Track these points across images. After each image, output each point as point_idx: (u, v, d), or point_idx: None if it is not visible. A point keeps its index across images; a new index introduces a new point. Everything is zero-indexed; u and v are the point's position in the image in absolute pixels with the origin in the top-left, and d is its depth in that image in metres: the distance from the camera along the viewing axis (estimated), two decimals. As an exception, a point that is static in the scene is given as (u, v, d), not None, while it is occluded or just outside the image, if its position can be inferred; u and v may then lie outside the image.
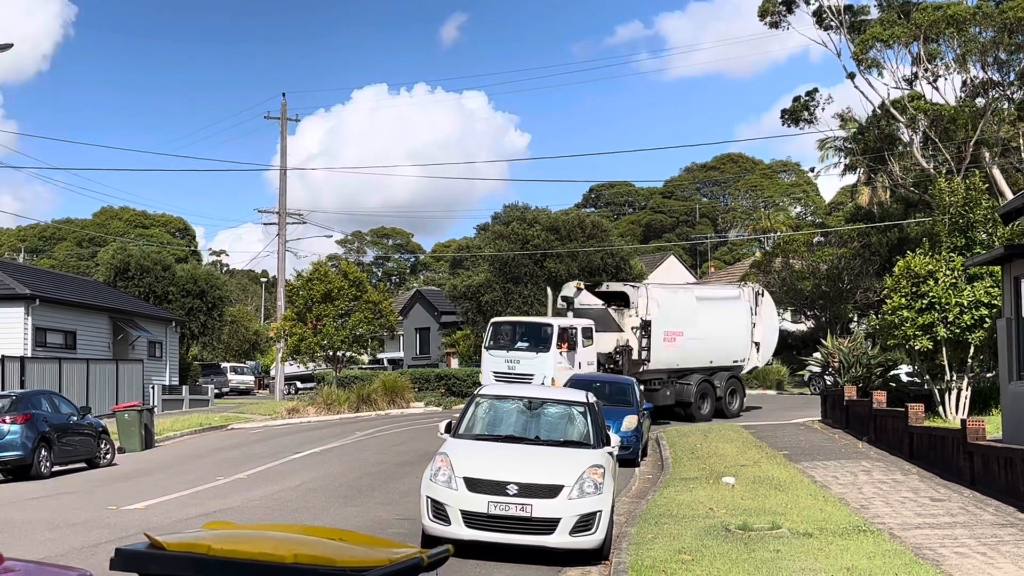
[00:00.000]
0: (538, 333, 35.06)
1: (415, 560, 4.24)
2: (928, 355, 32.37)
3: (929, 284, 31.43)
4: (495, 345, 35.66)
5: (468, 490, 13.19)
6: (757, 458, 22.82)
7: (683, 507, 15.88)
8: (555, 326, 34.47)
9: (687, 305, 39.02)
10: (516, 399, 15.99)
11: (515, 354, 34.54)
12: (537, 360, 33.34)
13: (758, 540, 12.78)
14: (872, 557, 11.65)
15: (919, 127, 46.57)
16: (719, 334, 39.26)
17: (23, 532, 15.32)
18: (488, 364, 35.38)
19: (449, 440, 14.67)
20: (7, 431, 24.38)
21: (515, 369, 33.63)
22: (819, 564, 11.22)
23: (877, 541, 12.79)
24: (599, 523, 13.08)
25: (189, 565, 4.01)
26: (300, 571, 3.90)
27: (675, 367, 37.59)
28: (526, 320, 39.03)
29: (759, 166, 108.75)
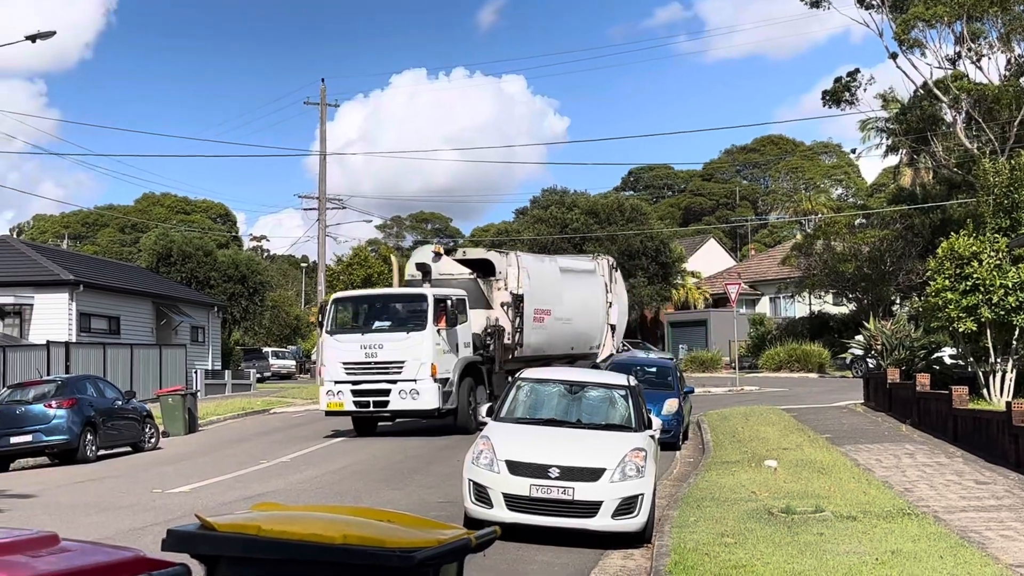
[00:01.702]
0: (407, 308, 27.48)
1: (464, 541, 4.27)
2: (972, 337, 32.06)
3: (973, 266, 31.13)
4: (341, 328, 27.61)
5: (510, 473, 13.21)
6: (799, 441, 22.71)
7: (725, 490, 15.84)
8: (430, 296, 26.59)
9: (553, 277, 32.04)
10: (557, 383, 15.98)
11: (374, 337, 26.47)
12: (409, 342, 25.88)
13: (801, 523, 12.74)
14: (917, 540, 11.59)
15: (962, 107, 46.07)
16: (580, 313, 33.19)
17: (71, 515, 15.48)
18: (334, 353, 27.32)
19: (491, 423, 14.70)
20: (53, 415, 24.66)
21: (376, 356, 26.06)
22: (863, 547, 11.18)
23: (922, 524, 12.72)
24: (641, 506, 13.06)
25: (239, 545, 4.04)
26: (350, 552, 3.93)
27: (541, 354, 30.44)
28: (386, 292, 30.54)
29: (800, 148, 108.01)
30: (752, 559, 10.47)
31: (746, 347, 64.07)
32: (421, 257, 30.37)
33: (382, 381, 26.08)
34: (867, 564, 10.29)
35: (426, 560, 4.03)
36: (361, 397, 26.24)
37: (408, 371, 25.79)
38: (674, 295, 72.03)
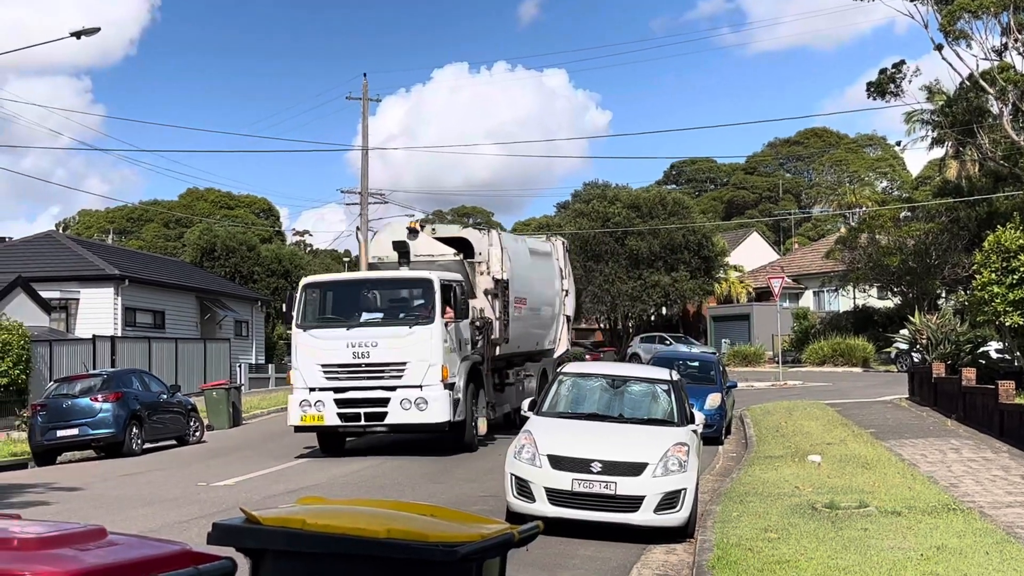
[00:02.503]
0: (406, 296, 22.27)
1: (507, 536, 4.28)
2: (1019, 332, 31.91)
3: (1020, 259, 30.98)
4: (320, 321, 21.99)
5: (552, 467, 13.23)
6: (843, 436, 22.62)
7: (768, 485, 15.80)
8: (437, 282, 21.27)
9: (526, 261, 26.73)
10: (600, 376, 15.99)
11: (365, 332, 21.05)
12: (412, 339, 20.65)
13: (845, 519, 12.69)
14: (962, 536, 11.52)
15: (1009, 99, 45.70)
16: (546, 303, 28.34)
17: (117, 508, 15.63)
18: (310, 353, 21.54)
19: (533, 418, 14.69)
20: (99, 409, 24.89)
21: (369, 357, 20.69)
22: (908, 543, 11.13)
23: (967, 520, 12.64)
24: (684, 501, 13.06)
25: (284, 539, 4.08)
26: (393, 546, 3.94)
27: (515, 351, 25.96)
28: (378, 275, 23.62)
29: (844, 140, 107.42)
30: (796, 554, 10.45)
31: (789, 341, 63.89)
32: (396, 234, 24.26)
33: (377, 388, 20.68)
34: (912, 560, 10.24)
35: (469, 555, 4.04)
36: (349, 408, 20.82)
37: (412, 375, 20.55)
38: (717, 289, 71.76)
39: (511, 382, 25.25)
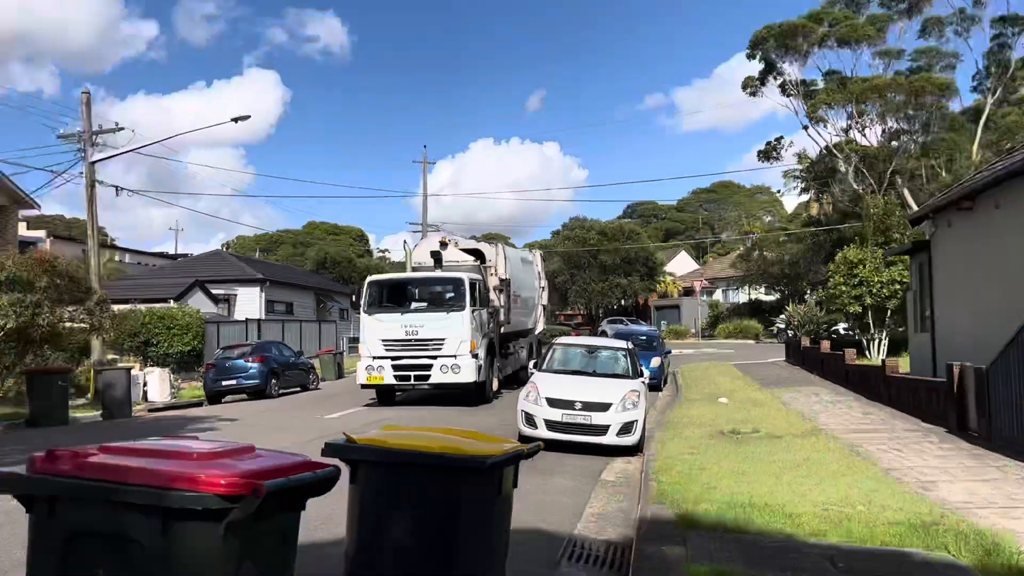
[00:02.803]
0: (444, 290, 21.41)
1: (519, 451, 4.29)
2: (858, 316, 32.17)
3: (859, 268, 31.20)
4: (381, 308, 21.07)
5: (548, 406, 13.30)
6: (742, 386, 22.60)
7: (692, 418, 15.77)
8: (467, 280, 20.72)
9: (520, 265, 26.24)
10: (581, 346, 16.09)
11: (414, 317, 20.57)
12: (449, 322, 20.04)
13: (744, 440, 12.67)
14: (821, 451, 11.49)
15: (852, 162, 45.76)
16: (531, 296, 27.61)
17: (262, 432, 15.65)
18: (374, 331, 20.70)
19: (536, 373, 14.74)
20: (250, 367, 25.02)
21: (417, 334, 20.22)
22: (786, 455, 11.10)
23: (825, 440, 12.61)
24: (636, 428, 13.10)
25: (372, 453, 4.08)
26: (444, 457, 3.96)
27: (514, 330, 25.00)
28: (424, 275, 22.65)
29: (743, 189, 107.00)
30: (710, 463, 10.43)
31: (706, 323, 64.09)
32: (432, 246, 23.83)
33: (423, 357, 19.97)
34: (788, 465, 10.22)
35: (494, 464, 4.06)
36: (403, 371, 20.08)
37: (448, 347, 19.87)
38: (658, 288, 71.92)
39: (511, 352, 24.26)
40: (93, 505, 2.87)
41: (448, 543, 3.96)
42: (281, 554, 3.17)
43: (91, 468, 2.92)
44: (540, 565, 6.66)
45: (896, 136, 46.15)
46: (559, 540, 7.52)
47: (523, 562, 6.16)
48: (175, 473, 2.84)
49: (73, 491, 2.90)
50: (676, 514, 7.59)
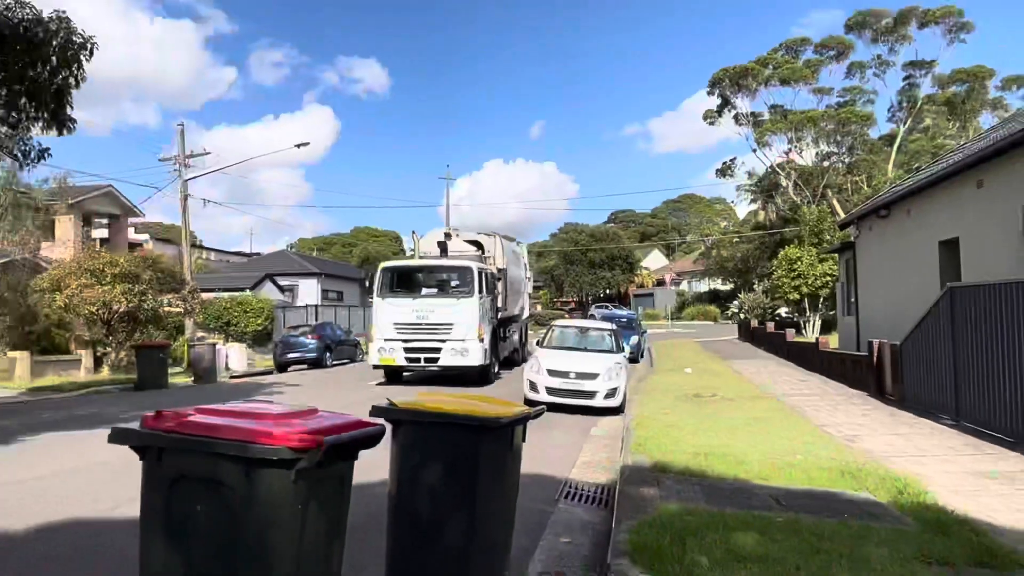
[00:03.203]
0: (457, 277, 18.33)
1: (526, 413, 4.30)
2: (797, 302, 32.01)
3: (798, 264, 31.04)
4: (393, 293, 18.30)
5: (548, 375, 13.26)
6: (704, 359, 22.55)
7: (663, 385, 15.76)
8: (475, 269, 18.05)
9: (513, 256, 23.02)
10: (574, 327, 16.01)
11: (425, 302, 17.98)
12: (459, 307, 17.50)
13: (705, 402, 12.66)
14: (767, 411, 11.47)
15: (791, 178, 45.56)
16: (521, 285, 24.29)
17: (320, 396, 15.68)
18: (386, 314, 18.00)
19: (539, 349, 14.73)
20: (310, 343, 25.10)
21: (427, 319, 17.69)
22: (740, 413, 11.09)
23: (770, 402, 12.59)
24: (619, 393, 13.08)
25: (410, 414, 4.09)
26: (467, 417, 3.96)
27: (508, 316, 21.63)
28: (435, 263, 19.63)
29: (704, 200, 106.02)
30: (679, 421, 10.42)
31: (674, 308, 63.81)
32: (438, 237, 21.13)
33: (433, 340, 17.40)
34: (741, 423, 10.20)
35: (507, 423, 4.06)
36: (413, 354, 17.51)
37: (457, 332, 17.32)
38: (636, 280, 71.68)
39: (505, 336, 21.08)
40: (191, 455, 2.90)
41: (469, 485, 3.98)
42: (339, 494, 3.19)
43: (190, 425, 2.95)
44: (543, 503, 6.68)
45: (827, 157, 45.96)
46: (557, 483, 7.54)
47: (529, 500, 6.18)
48: (255, 430, 2.86)
49: (176, 444, 2.93)
50: (651, 462, 7.59)
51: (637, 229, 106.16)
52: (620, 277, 67.44)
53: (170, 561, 2.94)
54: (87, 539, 5.37)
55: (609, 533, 5.37)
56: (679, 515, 5.44)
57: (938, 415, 10.85)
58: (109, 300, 19.93)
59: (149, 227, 57.29)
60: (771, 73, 45.91)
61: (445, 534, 4.00)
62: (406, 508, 4.08)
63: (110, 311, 20.46)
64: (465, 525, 3.98)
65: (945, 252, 14.50)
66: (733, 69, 46.40)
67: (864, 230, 19.68)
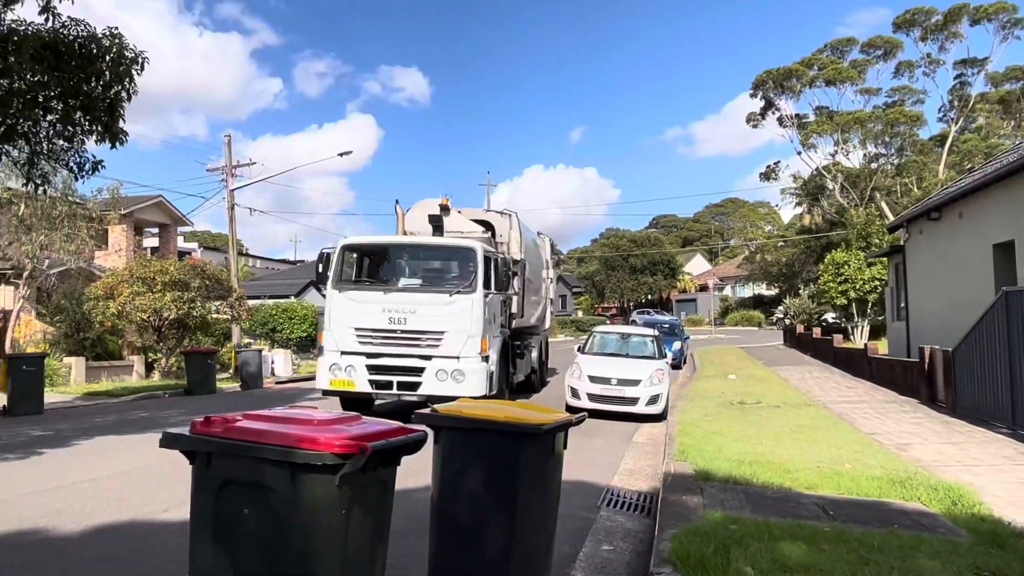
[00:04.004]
0: (452, 263, 13.13)
1: (568, 420, 4.29)
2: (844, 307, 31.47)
3: (845, 268, 30.51)
4: (356, 284, 12.72)
5: (590, 381, 13.22)
6: (748, 365, 22.22)
7: (706, 391, 15.58)
8: (480, 251, 12.47)
9: (532, 248, 17.15)
10: (616, 333, 15.93)
11: (403, 299, 12.06)
12: (453, 309, 11.93)
13: (749, 409, 12.47)
14: (814, 419, 11.26)
15: (838, 180, 44.69)
16: (538, 285, 18.01)
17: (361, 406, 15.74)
18: (344, 315, 12.20)
19: (579, 355, 14.64)
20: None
21: (406, 323, 11.93)
22: (784, 422, 10.90)
23: (817, 410, 12.35)
24: (661, 399, 12.97)
25: (451, 421, 4.12)
26: (508, 424, 3.97)
27: (524, 325, 16.08)
28: (421, 241, 13.82)
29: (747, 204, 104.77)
30: (722, 428, 10.29)
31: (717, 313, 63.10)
32: (431, 209, 14.69)
33: (413, 356, 11.87)
34: (787, 430, 10.03)
35: (548, 430, 4.06)
36: (381, 375, 11.95)
37: (450, 344, 11.77)
38: (678, 285, 71.12)
39: (521, 353, 15.26)
40: (239, 459, 2.97)
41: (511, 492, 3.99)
42: (383, 499, 3.23)
43: (237, 431, 3.02)
44: (585, 509, 6.66)
45: (875, 159, 45.01)
46: (599, 490, 7.50)
47: (571, 507, 6.17)
48: (300, 436, 2.92)
49: (224, 448, 3.00)
50: (694, 470, 7.50)
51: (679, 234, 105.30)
52: (662, 282, 66.92)
53: (218, 562, 3.01)
54: (139, 540, 5.52)
55: (651, 541, 5.32)
56: (723, 523, 5.37)
57: (993, 423, 10.52)
58: (159, 307, 20.46)
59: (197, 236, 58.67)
60: (816, 74, 45.16)
61: (487, 539, 4.01)
62: (448, 513, 4.11)
63: (160, 318, 21.00)
64: (506, 531, 3.99)
65: (1000, 255, 14.07)
66: (777, 71, 45.79)
67: (914, 233, 19.20)
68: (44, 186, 12.47)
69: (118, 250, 27.97)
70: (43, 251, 20.67)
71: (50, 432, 11.20)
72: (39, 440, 10.39)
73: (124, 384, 19.52)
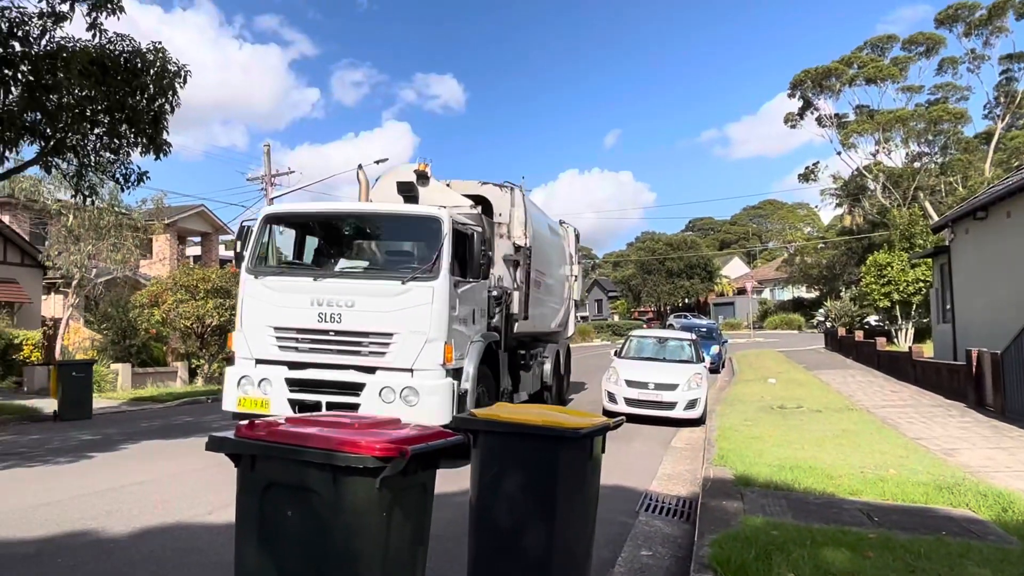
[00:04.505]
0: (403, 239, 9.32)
1: (606, 424, 4.28)
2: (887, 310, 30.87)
3: (888, 270, 29.95)
4: (279, 267, 9.06)
5: (627, 386, 13.16)
6: (788, 368, 21.89)
7: (745, 395, 15.39)
8: (445, 221, 8.53)
9: (543, 231, 13.47)
10: (653, 337, 15.82)
11: (338, 286, 8.28)
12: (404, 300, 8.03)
13: (790, 413, 12.30)
14: (857, 423, 11.06)
15: (880, 180, 43.84)
16: (559, 283, 14.85)
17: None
18: (258, 310, 8.58)
19: (616, 359, 14.56)
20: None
21: (339, 322, 8.12)
22: (826, 427, 10.72)
23: (860, 414, 12.13)
24: (699, 404, 12.85)
25: (488, 425, 4.13)
26: (546, 428, 3.98)
27: (532, 331, 12.52)
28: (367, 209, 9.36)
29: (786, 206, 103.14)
30: (762, 433, 10.16)
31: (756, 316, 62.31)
32: (403, 176, 11.20)
33: (349, 367, 8.43)
34: (829, 435, 9.87)
35: (586, 434, 4.06)
36: (306, 394, 8.43)
37: (400, 353, 8.31)
38: (715, 288, 70.38)
39: (528, 365, 12.07)
40: (282, 462, 3.03)
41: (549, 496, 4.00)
42: (422, 501, 3.27)
43: (280, 434, 3.08)
44: (623, 514, 6.63)
45: (918, 157, 44.07)
46: (638, 495, 7.46)
47: (610, 512, 6.15)
48: (342, 439, 2.97)
49: (268, 451, 3.06)
50: (734, 475, 7.42)
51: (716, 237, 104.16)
52: (699, 286, 66.31)
53: (263, 564, 3.07)
54: (184, 542, 5.64)
55: (691, 547, 5.28)
56: (764, 529, 5.30)
57: (1046, 428, 10.22)
58: (202, 314, 20.89)
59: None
60: (856, 73, 44.40)
61: (525, 543, 4.02)
62: (487, 517, 4.13)
63: (203, 325, 21.44)
64: (545, 535, 3.99)
65: (1050, 255, 13.68)
66: (815, 70, 45.14)
67: (960, 233, 18.76)
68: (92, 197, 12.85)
69: (162, 258, 28.64)
70: (91, 260, 21.26)
71: (98, 436, 11.50)
72: (88, 444, 10.68)
73: (169, 390, 19.95)
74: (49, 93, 10.77)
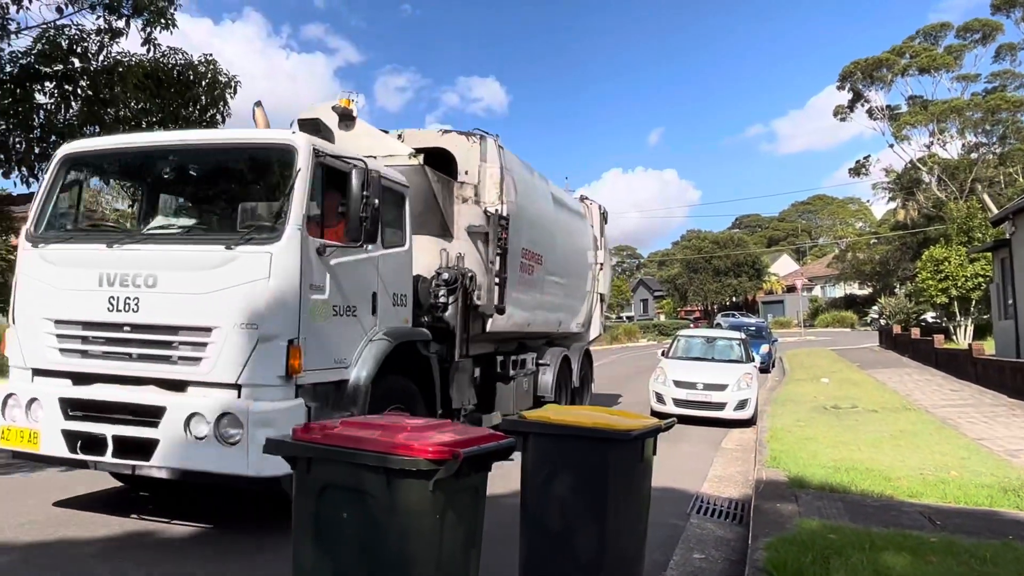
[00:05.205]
0: (236, 179, 5.40)
1: (657, 426, 4.26)
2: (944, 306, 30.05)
3: (945, 265, 29.17)
4: (66, 232, 5.45)
5: (675, 386, 13.04)
6: (841, 367, 21.42)
7: (797, 395, 15.10)
8: (304, 151, 4.85)
9: (545, 203, 9.27)
10: (701, 337, 15.67)
11: (139, 257, 4.80)
12: (228, 274, 4.52)
13: (844, 414, 12.04)
14: (915, 423, 10.77)
15: (935, 173, 42.66)
16: (572, 272, 10.75)
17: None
18: (35, 294, 5.21)
19: (663, 360, 14.41)
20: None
21: (135, 310, 4.67)
22: (882, 427, 10.47)
23: (918, 414, 11.81)
24: (749, 404, 12.68)
25: (539, 427, 4.15)
26: (597, 430, 3.98)
27: (524, 328, 8.73)
28: (188, 139, 5.53)
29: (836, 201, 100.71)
30: (816, 434, 9.97)
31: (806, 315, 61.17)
32: (321, 112, 7.43)
33: (149, 381, 4.89)
34: (885, 436, 9.64)
35: (637, 436, 4.06)
36: (87, 423, 4.85)
37: (221, 358, 4.66)
38: (764, 286, 69.31)
39: (510, 375, 8.73)
40: (337, 465, 3.08)
41: (600, 498, 3.99)
42: (474, 503, 3.30)
43: (335, 438, 3.14)
44: (675, 517, 6.57)
45: (975, 148, 42.75)
46: (689, 497, 7.39)
47: (661, 514, 6.09)
48: (395, 442, 3.01)
49: (323, 454, 3.12)
50: (787, 477, 7.30)
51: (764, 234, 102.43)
52: (747, 284, 65.36)
53: (319, 564, 3.13)
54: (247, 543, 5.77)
55: (744, 550, 5.21)
56: (821, 532, 5.20)
57: (1118, 428, 9.81)
58: None
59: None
60: (908, 63, 43.26)
61: (577, 545, 4.02)
62: (538, 519, 4.14)
63: None
64: (597, 537, 3.99)
65: (1120, 247, 13.13)
66: (865, 61, 44.14)
67: (1021, 226, 18.14)
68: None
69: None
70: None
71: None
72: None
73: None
74: (107, 107, 11.16)
